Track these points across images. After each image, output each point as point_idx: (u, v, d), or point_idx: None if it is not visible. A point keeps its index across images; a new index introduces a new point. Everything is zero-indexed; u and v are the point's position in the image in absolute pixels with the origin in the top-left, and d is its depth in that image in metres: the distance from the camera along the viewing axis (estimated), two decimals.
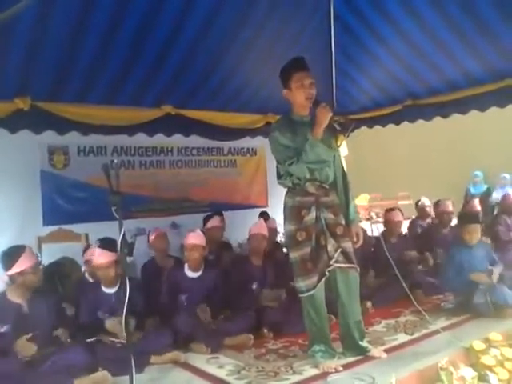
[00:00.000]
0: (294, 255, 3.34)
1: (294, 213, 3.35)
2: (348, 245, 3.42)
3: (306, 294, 3.30)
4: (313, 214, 3.33)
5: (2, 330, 3.34)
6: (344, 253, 3.38)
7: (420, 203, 6.86)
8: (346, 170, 3.65)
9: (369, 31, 5.20)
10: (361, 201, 9.13)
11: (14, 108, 4.62)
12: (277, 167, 3.45)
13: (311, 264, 3.30)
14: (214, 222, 5.48)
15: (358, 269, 3.45)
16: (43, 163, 5.70)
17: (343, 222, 3.46)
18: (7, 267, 3.39)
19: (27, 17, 3.68)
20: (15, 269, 3.37)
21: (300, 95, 3.31)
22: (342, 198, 3.50)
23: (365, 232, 6.01)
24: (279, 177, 3.43)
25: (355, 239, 3.49)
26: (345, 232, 3.43)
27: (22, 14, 3.43)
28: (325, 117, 3.21)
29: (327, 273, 3.34)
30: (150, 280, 4.72)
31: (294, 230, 3.33)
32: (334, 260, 3.34)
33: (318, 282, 3.30)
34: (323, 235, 3.35)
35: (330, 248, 3.35)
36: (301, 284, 3.31)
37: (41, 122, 4.96)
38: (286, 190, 3.48)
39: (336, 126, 3.34)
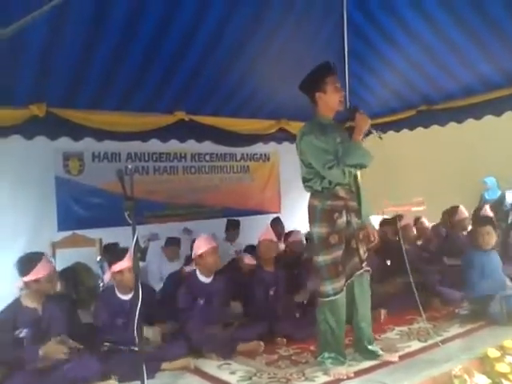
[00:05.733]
0: (325, 258, 3.28)
1: (325, 216, 3.30)
2: (365, 248, 3.49)
3: (333, 298, 3.27)
4: (344, 218, 3.32)
5: (22, 334, 3.35)
6: None
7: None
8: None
9: (382, 36, 5.18)
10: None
11: (29, 114, 4.68)
12: (304, 171, 3.39)
13: (342, 267, 3.30)
14: None
15: (371, 271, 3.52)
16: (58, 169, 5.77)
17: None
18: (23, 273, 3.40)
19: (42, 24, 3.74)
20: (31, 276, 3.38)
21: (335, 98, 3.36)
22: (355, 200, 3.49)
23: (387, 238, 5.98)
24: (307, 180, 3.38)
25: (372, 239, 3.51)
26: (363, 236, 3.47)
27: (37, 22, 3.47)
28: (365, 122, 3.30)
29: (354, 276, 3.38)
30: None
31: (327, 233, 3.28)
32: (365, 263, 3.41)
33: (344, 285, 3.32)
34: (354, 239, 3.37)
35: (361, 252, 3.40)
36: (328, 288, 3.28)
37: (56, 128, 5.03)
38: (309, 194, 3.43)
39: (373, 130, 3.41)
